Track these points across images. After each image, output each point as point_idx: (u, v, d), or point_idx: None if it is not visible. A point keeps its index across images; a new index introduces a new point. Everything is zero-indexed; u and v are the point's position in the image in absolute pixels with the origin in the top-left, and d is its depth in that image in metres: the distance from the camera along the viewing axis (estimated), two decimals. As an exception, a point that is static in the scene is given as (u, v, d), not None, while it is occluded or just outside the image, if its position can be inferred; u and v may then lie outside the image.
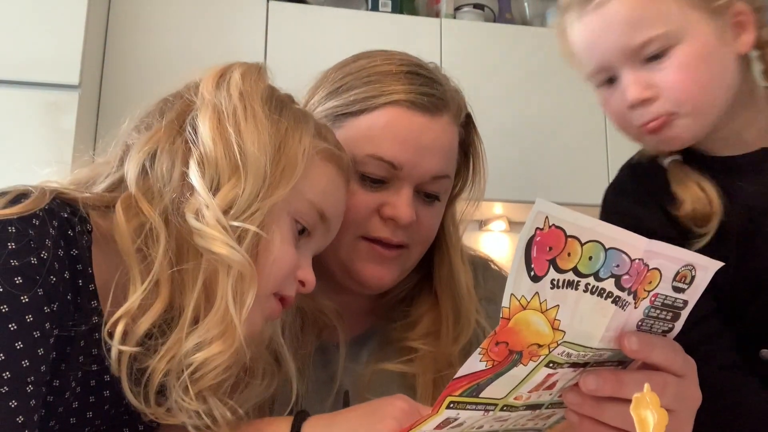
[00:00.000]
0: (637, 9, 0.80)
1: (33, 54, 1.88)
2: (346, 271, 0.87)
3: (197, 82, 0.73)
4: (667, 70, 0.80)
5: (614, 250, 0.50)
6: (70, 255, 0.62)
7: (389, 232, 0.85)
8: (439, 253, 0.94)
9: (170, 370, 0.63)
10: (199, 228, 0.63)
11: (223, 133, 0.67)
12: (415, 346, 0.88)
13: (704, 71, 0.80)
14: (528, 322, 0.50)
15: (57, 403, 0.63)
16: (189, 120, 0.69)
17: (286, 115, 0.72)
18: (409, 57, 0.90)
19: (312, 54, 2.02)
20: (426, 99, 0.84)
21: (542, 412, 0.62)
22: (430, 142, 0.84)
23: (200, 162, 0.66)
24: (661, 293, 0.54)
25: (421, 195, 0.87)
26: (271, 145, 0.68)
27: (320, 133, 0.76)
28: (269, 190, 0.67)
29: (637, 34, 0.80)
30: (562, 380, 0.57)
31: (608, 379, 0.55)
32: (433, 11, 2.65)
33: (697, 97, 0.81)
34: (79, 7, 1.93)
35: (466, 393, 0.54)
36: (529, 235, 0.48)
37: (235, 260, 0.63)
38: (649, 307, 0.54)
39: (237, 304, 0.63)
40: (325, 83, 0.89)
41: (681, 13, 0.79)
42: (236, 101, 0.69)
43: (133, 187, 0.67)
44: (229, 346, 0.63)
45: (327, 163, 0.74)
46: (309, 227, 0.72)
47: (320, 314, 0.90)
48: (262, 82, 0.73)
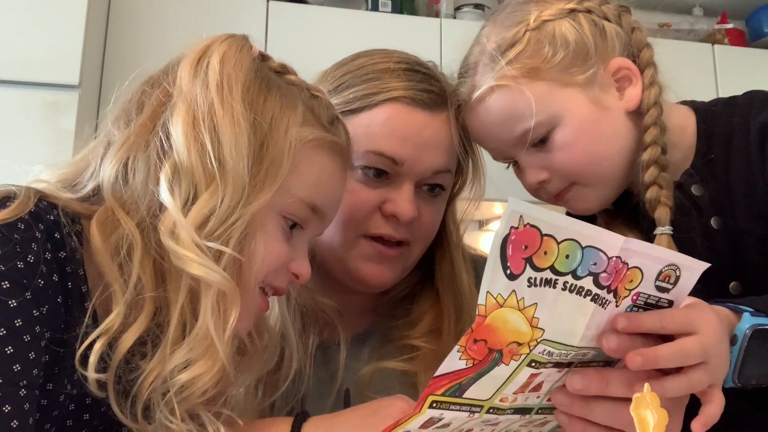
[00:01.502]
0: (508, 104, 0.81)
1: (33, 54, 1.88)
2: (346, 270, 0.87)
3: (177, 64, 0.68)
4: (552, 153, 0.82)
5: (591, 248, 0.50)
6: (58, 258, 0.60)
7: (391, 229, 0.85)
8: (440, 251, 0.94)
9: (155, 390, 0.62)
10: (173, 249, 0.61)
11: (197, 137, 0.63)
12: (417, 344, 0.88)
13: (589, 144, 0.81)
14: (505, 320, 0.50)
15: (52, 406, 0.62)
16: (162, 122, 0.65)
17: (272, 101, 0.67)
18: (408, 55, 0.91)
19: (312, 54, 2.01)
20: (425, 95, 0.85)
21: (534, 419, 0.61)
22: (430, 137, 0.84)
23: (174, 172, 0.63)
24: (643, 292, 0.54)
25: (422, 191, 0.87)
26: (253, 145, 0.64)
27: (312, 113, 0.70)
28: (251, 197, 0.63)
29: (512, 128, 0.82)
30: (547, 382, 0.57)
31: (594, 378, 0.55)
32: (433, 11, 2.65)
33: (588, 170, 0.82)
34: (79, 7, 1.93)
35: (449, 392, 0.54)
36: (504, 233, 0.48)
37: (214, 281, 0.61)
38: (631, 306, 0.55)
39: (220, 321, 0.61)
40: (325, 82, 0.89)
41: (549, 98, 0.80)
42: (213, 95, 0.64)
43: (110, 198, 0.64)
44: (212, 366, 0.61)
45: (318, 153, 0.70)
46: (300, 222, 0.69)
47: (321, 313, 0.90)
48: (244, 64, 0.67)
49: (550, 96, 0.80)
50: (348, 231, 0.85)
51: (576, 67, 0.81)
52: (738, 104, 0.85)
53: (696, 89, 0.89)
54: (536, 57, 0.80)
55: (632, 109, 0.83)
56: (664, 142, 0.81)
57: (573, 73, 0.81)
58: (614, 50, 0.83)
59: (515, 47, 0.81)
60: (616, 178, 0.84)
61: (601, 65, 0.82)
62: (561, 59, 0.80)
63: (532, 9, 0.83)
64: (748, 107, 0.83)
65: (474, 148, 0.93)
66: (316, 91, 0.74)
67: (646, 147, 0.81)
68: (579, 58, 0.81)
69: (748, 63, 2.66)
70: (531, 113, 0.80)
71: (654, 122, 0.81)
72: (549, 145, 0.82)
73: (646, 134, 0.81)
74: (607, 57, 0.82)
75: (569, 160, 0.81)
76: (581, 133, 0.81)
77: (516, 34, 0.82)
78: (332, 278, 0.90)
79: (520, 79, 0.80)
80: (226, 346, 0.62)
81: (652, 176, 0.79)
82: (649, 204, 0.80)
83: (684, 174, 0.83)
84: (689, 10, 2.88)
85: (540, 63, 0.80)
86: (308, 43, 2.24)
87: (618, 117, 0.83)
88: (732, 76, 2.55)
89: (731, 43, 2.76)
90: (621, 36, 0.84)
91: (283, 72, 0.73)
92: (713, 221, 0.81)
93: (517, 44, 0.81)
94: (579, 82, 0.81)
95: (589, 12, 0.83)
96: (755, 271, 0.80)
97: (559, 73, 0.80)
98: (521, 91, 0.80)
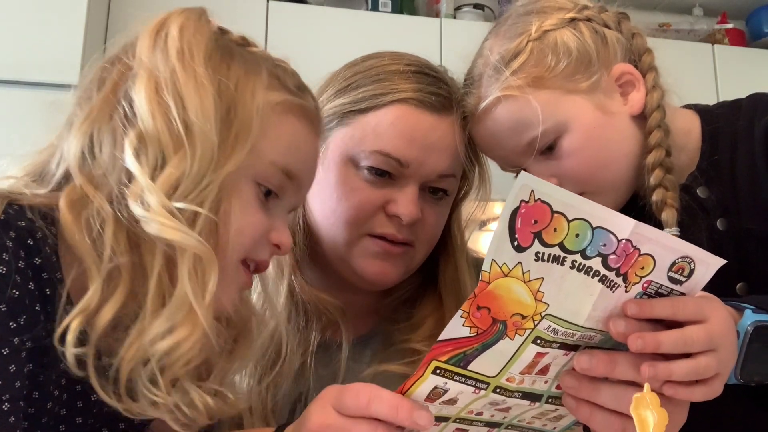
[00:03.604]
0: (514, 114, 0.82)
1: (33, 54, 1.88)
2: (349, 267, 0.87)
3: (136, 39, 0.66)
4: (560, 161, 0.82)
5: (601, 230, 0.51)
6: (32, 265, 0.58)
7: (394, 229, 0.85)
8: (444, 255, 0.94)
9: (136, 363, 0.60)
10: (144, 216, 0.59)
11: (161, 103, 0.61)
12: (419, 348, 0.88)
13: (596, 150, 0.82)
14: (509, 289, 0.51)
15: (40, 414, 0.61)
16: (124, 92, 0.63)
17: (236, 68, 0.65)
18: (418, 58, 0.91)
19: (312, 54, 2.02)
20: (433, 98, 0.85)
21: (546, 408, 0.61)
22: (436, 140, 0.84)
23: (140, 139, 0.60)
24: (655, 281, 0.55)
25: (426, 194, 0.87)
26: (220, 108, 0.62)
27: (277, 80, 0.69)
28: (222, 160, 0.61)
29: (520, 137, 0.83)
30: (555, 365, 0.57)
31: (602, 359, 0.55)
32: (433, 11, 2.65)
33: (597, 175, 0.83)
34: (79, 7, 1.93)
35: (453, 361, 0.54)
36: (514, 206, 0.49)
37: (189, 245, 0.59)
38: (642, 293, 0.55)
39: (198, 287, 0.60)
40: (335, 81, 0.89)
41: (555, 106, 0.81)
42: (175, 62, 0.62)
43: (77, 176, 0.62)
44: (191, 331, 0.59)
45: (287, 116, 0.68)
46: (275, 189, 0.67)
47: (324, 311, 0.90)
48: (204, 33, 0.66)
49: (555, 104, 0.81)
50: (352, 229, 0.85)
51: (579, 74, 0.82)
52: (742, 107, 0.85)
53: (696, 89, 0.89)
54: (540, 66, 0.81)
55: (636, 114, 0.84)
56: (669, 144, 0.81)
57: (577, 81, 0.82)
58: (616, 56, 0.84)
59: (518, 58, 0.82)
60: (624, 182, 0.84)
61: (604, 71, 0.83)
62: (564, 67, 0.81)
63: (533, 20, 0.84)
64: (752, 110, 0.83)
65: (480, 154, 0.93)
66: (279, 61, 0.72)
67: (650, 150, 0.81)
68: (582, 66, 0.82)
69: (748, 63, 2.67)
70: (538, 121, 0.81)
71: (657, 125, 0.82)
72: (557, 152, 0.82)
73: (650, 137, 0.82)
74: (610, 63, 0.83)
75: (577, 166, 0.82)
76: (588, 138, 0.82)
77: (519, 44, 0.83)
78: (336, 277, 0.90)
79: (525, 89, 0.81)
80: (206, 312, 0.60)
81: (658, 178, 0.80)
82: (655, 206, 0.80)
83: (690, 176, 0.84)
84: (689, 10, 2.88)
85: (544, 72, 0.81)
86: (308, 43, 2.24)
87: (623, 121, 0.83)
88: (732, 76, 2.56)
89: (731, 43, 2.77)
90: (622, 42, 0.85)
91: (244, 44, 0.71)
92: (719, 223, 0.82)
93: (521, 54, 0.82)
94: (583, 89, 0.82)
95: (589, 20, 0.85)
96: (761, 272, 0.80)
97: (563, 80, 0.81)
98: (527, 100, 0.81)
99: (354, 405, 0.57)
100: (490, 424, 0.62)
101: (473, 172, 0.94)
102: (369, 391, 0.57)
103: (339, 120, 0.86)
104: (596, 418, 0.58)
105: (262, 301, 0.85)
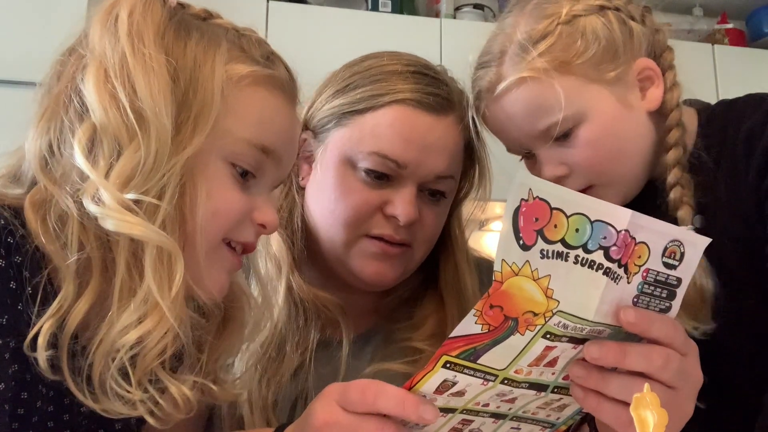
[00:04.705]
0: (537, 97, 0.81)
1: (33, 54, 1.88)
2: (347, 268, 0.87)
3: (89, 28, 0.63)
4: (575, 149, 0.81)
5: (600, 222, 0.51)
6: (13, 263, 0.57)
7: (392, 230, 0.85)
8: (444, 254, 0.94)
9: (106, 357, 0.58)
10: (99, 213, 0.57)
11: (111, 92, 0.58)
12: (420, 347, 0.88)
13: (613, 142, 0.81)
14: (521, 288, 0.51)
15: (29, 414, 0.60)
16: (74, 85, 0.61)
17: (192, 45, 0.62)
18: (417, 58, 0.91)
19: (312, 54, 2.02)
20: (432, 98, 0.85)
21: (551, 398, 0.62)
22: (434, 141, 0.84)
23: (92, 133, 0.58)
24: (652, 269, 0.55)
25: (425, 194, 0.87)
26: (175, 91, 0.60)
27: (242, 51, 0.65)
28: (182, 144, 0.59)
29: (538, 121, 0.81)
30: (563, 358, 0.58)
31: (612, 349, 0.55)
32: (433, 11, 2.65)
33: (609, 168, 0.82)
34: (79, 7, 1.93)
35: (463, 356, 0.54)
36: (515, 205, 0.50)
37: (150, 237, 0.57)
38: (642, 282, 0.55)
39: (163, 279, 0.58)
40: (333, 82, 0.89)
41: (578, 94, 0.80)
42: (124, 44, 0.59)
43: (39, 176, 0.60)
44: (158, 322, 0.58)
45: (255, 89, 0.65)
46: (252, 168, 0.64)
47: (323, 309, 0.90)
48: (155, 12, 0.63)
49: (578, 91, 0.80)
50: (349, 230, 0.85)
51: (605, 64, 0.81)
52: (737, 108, 0.85)
53: (696, 89, 0.89)
54: (568, 51, 0.80)
55: (653, 110, 0.83)
56: (685, 142, 0.82)
57: (602, 70, 0.81)
58: (640, 50, 0.84)
59: (546, 39, 0.81)
60: (633, 177, 0.84)
61: (629, 64, 0.82)
62: (592, 55, 0.80)
63: (563, 2, 0.83)
64: (742, 111, 0.84)
65: (480, 152, 0.93)
66: (245, 30, 0.69)
67: (669, 148, 0.81)
68: (609, 55, 0.81)
69: (748, 63, 2.66)
70: (559, 107, 0.79)
71: (677, 123, 0.82)
72: (572, 140, 0.81)
73: (669, 135, 0.82)
74: (633, 56, 0.83)
75: (592, 157, 0.81)
76: (606, 131, 0.81)
77: (548, 26, 0.81)
78: (334, 277, 0.90)
79: (551, 72, 0.80)
80: (171, 304, 0.58)
81: (676, 177, 0.80)
82: (672, 204, 0.80)
83: None
84: (689, 10, 2.88)
85: (571, 57, 0.80)
86: (308, 43, 2.24)
87: (640, 117, 0.83)
88: (732, 76, 2.55)
89: (731, 43, 2.77)
90: (646, 36, 0.85)
91: (206, 17, 0.68)
92: (696, 220, 0.82)
93: (549, 36, 0.81)
94: (607, 80, 0.81)
95: (618, 10, 0.84)
96: (734, 273, 0.80)
97: (589, 68, 0.80)
98: (551, 84, 0.80)
99: (360, 401, 0.56)
100: (496, 416, 0.62)
101: (473, 170, 0.93)
102: (375, 388, 0.56)
103: (337, 120, 0.86)
104: (604, 409, 0.57)
105: (261, 300, 0.85)
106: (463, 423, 0.61)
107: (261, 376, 0.84)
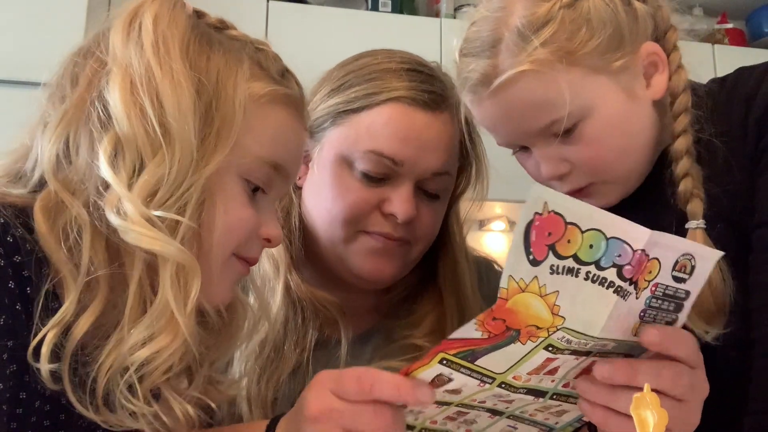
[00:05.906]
0: (539, 92, 0.73)
1: (33, 54, 1.88)
2: (345, 265, 0.88)
3: (108, 30, 0.63)
4: (578, 146, 0.75)
5: (616, 240, 0.49)
6: (12, 263, 0.57)
7: (389, 228, 0.85)
8: (443, 251, 0.94)
9: (114, 372, 0.58)
10: (121, 225, 0.56)
11: (137, 103, 0.58)
12: (420, 344, 0.88)
13: (618, 137, 0.76)
14: (527, 305, 0.50)
15: (28, 414, 0.60)
16: (98, 92, 0.60)
17: (216, 58, 0.62)
18: (411, 55, 0.91)
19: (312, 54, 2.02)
20: (427, 95, 0.85)
21: (550, 404, 0.61)
22: (430, 138, 0.84)
23: (116, 143, 0.58)
24: (661, 283, 0.54)
25: (422, 191, 0.87)
26: (199, 106, 0.60)
27: (260, 67, 0.66)
28: (203, 160, 0.59)
29: (539, 118, 0.75)
30: (564, 368, 0.57)
31: (622, 368, 0.55)
32: (433, 11, 2.65)
33: (613, 164, 0.77)
34: (79, 7, 1.93)
35: (461, 356, 0.53)
36: (528, 219, 0.48)
37: (171, 254, 0.57)
38: (650, 297, 0.54)
39: (180, 294, 0.58)
40: (328, 81, 0.89)
41: (583, 87, 0.73)
42: (150, 56, 0.59)
43: (52, 181, 0.60)
44: (172, 339, 0.57)
45: (273, 107, 0.65)
46: (263, 184, 0.65)
47: (321, 308, 0.90)
48: (180, 22, 0.62)
49: (583, 84, 0.73)
50: (347, 228, 0.85)
51: (611, 53, 0.74)
52: (725, 84, 0.81)
53: (696, 89, 0.88)
54: (572, 40, 0.72)
55: (658, 98, 0.78)
56: (694, 130, 0.75)
57: (608, 59, 0.74)
58: (645, 33, 0.77)
59: (549, 26, 0.72)
60: (637, 173, 0.80)
61: (635, 50, 0.76)
62: (598, 43, 0.73)
63: None
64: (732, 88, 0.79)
65: (477, 148, 0.92)
66: (260, 45, 0.69)
67: (677, 136, 0.75)
68: (614, 42, 0.74)
69: (748, 63, 2.65)
70: (564, 103, 0.72)
71: (685, 108, 0.75)
72: (575, 137, 0.75)
73: (677, 122, 0.75)
74: (639, 41, 0.76)
75: (596, 155, 0.76)
76: (611, 127, 0.75)
77: (550, 10, 0.73)
78: (333, 276, 0.90)
79: (555, 65, 0.72)
80: (187, 320, 0.58)
81: (685, 168, 0.74)
82: (682, 197, 0.74)
83: None
84: (689, 10, 2.88)
85: (576, 46, 0.72)
86: (308, 43, 2.24)
87: (645, 108, 0.78)
88: (732, 76, 2.55)
89: (731, 43, 2.77)
90: (651, 16, 0.78)
91: (223, 27, 0.67)
92: None
93: (551, 23, 0.73)
94: (613, 69, 0.74)
95: None
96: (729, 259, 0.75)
97: (594, 58, 0.73)
98: (555, 77, 0.72)
99: (356, 389, 0.56)
100: (492, 411, 0.62)
101: (471, 166, 0.93)
102: (371, 375, 0.56)
103: (333, 120, 0.86)
104: (612, 423, 0.57)
105: (259, 300, 0.85)
106: (458, 413, 0.61)
107: (260, 375, 0.84)
